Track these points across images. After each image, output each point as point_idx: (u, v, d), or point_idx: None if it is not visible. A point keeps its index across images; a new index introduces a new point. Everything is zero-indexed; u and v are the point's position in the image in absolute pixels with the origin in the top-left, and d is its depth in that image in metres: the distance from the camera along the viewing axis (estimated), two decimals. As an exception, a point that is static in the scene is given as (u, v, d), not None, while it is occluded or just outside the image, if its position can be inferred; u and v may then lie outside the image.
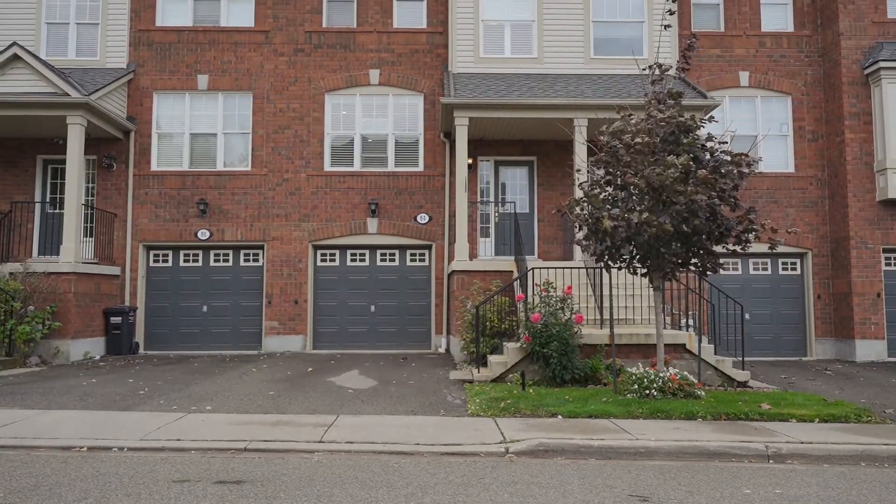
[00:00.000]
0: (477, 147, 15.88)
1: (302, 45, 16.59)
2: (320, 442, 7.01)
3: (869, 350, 15.00)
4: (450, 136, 16.00)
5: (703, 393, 9.21)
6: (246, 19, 16.72)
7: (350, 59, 16.57)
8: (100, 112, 14.67)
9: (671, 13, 9.98)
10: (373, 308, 16.21)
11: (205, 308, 16.18)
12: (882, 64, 15.20)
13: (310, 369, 12.53)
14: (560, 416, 8.25)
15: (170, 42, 16.52)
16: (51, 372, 12.22)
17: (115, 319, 15.03)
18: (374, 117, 16.59)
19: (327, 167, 16.39)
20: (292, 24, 16.61)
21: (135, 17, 16.51)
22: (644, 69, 10.11)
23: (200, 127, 16.50)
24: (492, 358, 11.20)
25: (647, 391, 8.96)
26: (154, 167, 16.26)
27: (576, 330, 10.44)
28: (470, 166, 15.20)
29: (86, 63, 16.20)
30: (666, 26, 10.20)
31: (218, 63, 16.54)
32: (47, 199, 16.17)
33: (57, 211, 15.85)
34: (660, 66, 9.65)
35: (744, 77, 16.49)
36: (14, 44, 14.37)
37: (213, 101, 16.54)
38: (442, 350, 15.65)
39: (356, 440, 7.06)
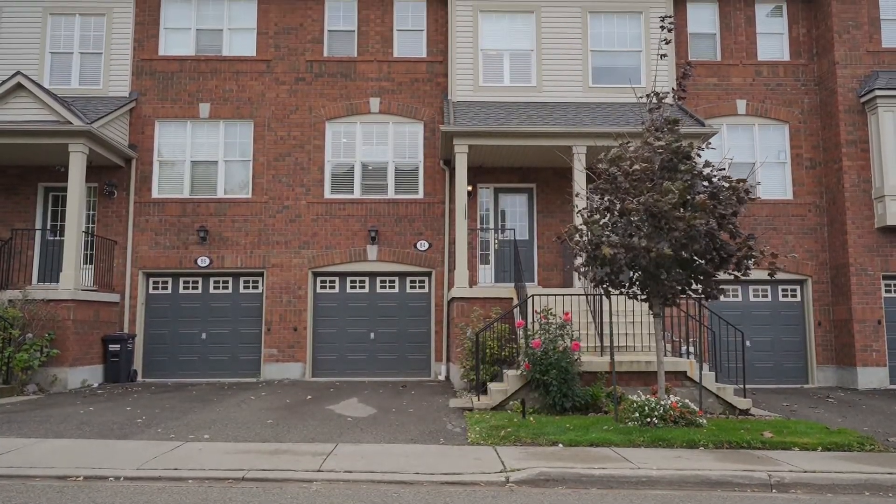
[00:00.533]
0: (476, 174, 15.97)
1: (303, 73, 16.76)
2: (319, 471, 6.95)
3: (871, 377, 14.93)
4: (449, 163, 16.10)
5: (705, 421, 9.15)
6: (248, 49, 16.91)
7: (351, 88, 16.73)
8: (102, 140, 14.76)
9: (667, 42, 10.09)
10: (372, 335, 16.16)
11: (204, 335, 16.12)
12: (878, 92, 15.35)
13: (309, 397, 12.46)
14: (561, 445, 8.18)
15: (172, 71, 16.69)
16: (48, 400, 12.14)
17: (114, 347, 14.97)
18: (374, 145, 16.70)
19: (327, 194, 16.45)
20: (294, 53, 16.80)
21: (138, 46, 16.70)
22: (641, 97, 10.20)
23: (201, 154, 16.60)
24: (492, 385, 11.14)
25: (649, 419, 8.90)
26: (155, 194, 16.33)
27: (576, 357, 10.40)
28: (470, 193, 15.27)
29: (89, 92, 16.36)
30: (662, 55, 10.31)
31: (220, 91, 16.69)
32: (48, 227, 16.21)
33: (57, 238, 15.87)
34: (657, 94, 9.76)
35: (741, 105, 16.63)
36: (18, 73, 14.52)
37: (214, 129, 16.66)
38: (442, 377, 15.57)
39: (355, 469, 7.00)
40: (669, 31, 10.09)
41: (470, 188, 15.21)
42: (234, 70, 16.76)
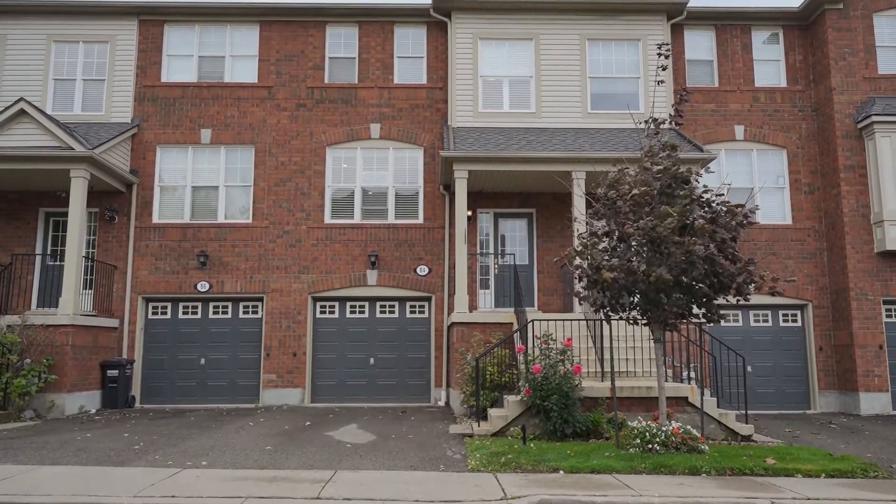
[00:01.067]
0: (476, 199, 16.02)
1: (304, 100, 16.90)
2: (318, 498, 6.88)
3: (873, 403, 14.84)
4: (449, 188, 16.16)
5: (707, 447, 9.08)
6: (249, 75, 17.07)
7: (351, 114, 16.86)
8: (103, 165, 14.84)
9: (664, 69, 10.20)
10: (372, 360, 16.09)
11: (202, 361, 16.05)
12: (875, 118, 15.46)
13: (308, 423, 12.37)
14: (562, 472, 8.11)
15: (174, 97, 16.83)
16: (45, 426, 12.05)
17: (112, 372, 14.89)
18: (374, 170, 16.78)
19: (328, 219, 16.50)
20: (295, 80, 16.96)
21: (140, 73, 16.86)
22: (640, 123, 10.28)
23: (202, 180, 16.67)
24: (492, 411, 11.07)
25: (650, 445, 8.83)
26: (155, 219, 16.37)
27: (576, 383, 10.34)
28: (469, 218, 15.31)
29: (91, 118, 16.49)
30: (660, 82, 10.41)
31: (221, 118, 16.82)
32: (48, 252, 16.23)
33: (57, 263, 15.89)
34: (655, 120, 9.84)
35: (739, 131, 16.75)
36: (21, 99, 14.65)
37: (215, 154, 16.76)
38: (441, 403, 15.48)
39: (354, 496, 6.93)
40: (666, 57, 10.20)
41: (470, 213, 15.26)
42: (236, 96, 16.90)
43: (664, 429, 9.02)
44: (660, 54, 10.19)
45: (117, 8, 16.85)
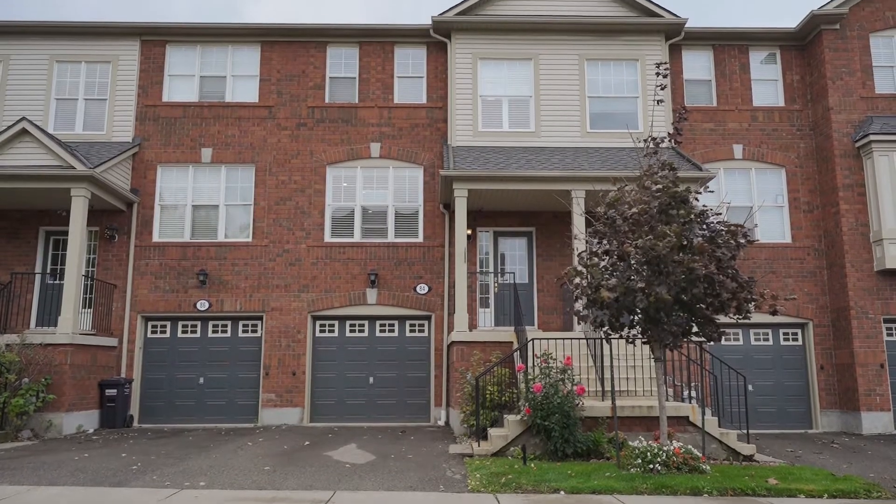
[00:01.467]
0: (476, 218, 16.05)
1: (305, 119, 16.99)
2: (316, 519, 6.82)
3: (875, 422, 14.76)
4: (449, 207, 16.20)
5: (709, 467, 9.02)
6: (250, 95, 17.17)
7: (352, 133, 16.94)
8: (104, 184, 14.88)
9: (662, 88, 10.25)
10: (371, 380, 16.03)
11: (201, 380, 15.99)
12: (873, 137, 15.53)
13: (307, 443, 12.30)
14: (563, 492, 8.05)
15: (175, 117, 16.92)
16: (43, 446, 11.98)
17: (111, 392, 14.83)
18: (374, 189, 16.83)
19: (328, 238, 16.52)
20: (296, 99, 17.06)
21: (142, 93, 16.96)
22: (639, 142, 10.32)
23: (203, 199, 16.71)
24: (492, 431, 11.00)
25: (651, 465, 8.78)
26: (156, 238, 16.39)
27: (577, 402, 10.30)
28: (469, 237, 15.32)
29: (92, 137, 16.56)
30: (658, 101, 10.47)
31: (222, 137, 16.89)
32: (48, 270, 16.23)
33: (57, 282, 15.89)
34: (654, 139, 9.88)
35: (737, 150, 16.81)
36: (23, 118, 14.73)
37: (216, 173, 16.81)
38: (441, 422, 15.39)
39: (353, 517, 6.87)
40: (665, 77, 10.27)
41: (469, 232, 15.28)
42: (237, 116, 16.99)
43: (665, 448, 8.96)
44: (658, 73, 10.25)
45: (120, 28, 17.00)
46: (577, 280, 9.50)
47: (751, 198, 16.64)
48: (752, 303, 9.08)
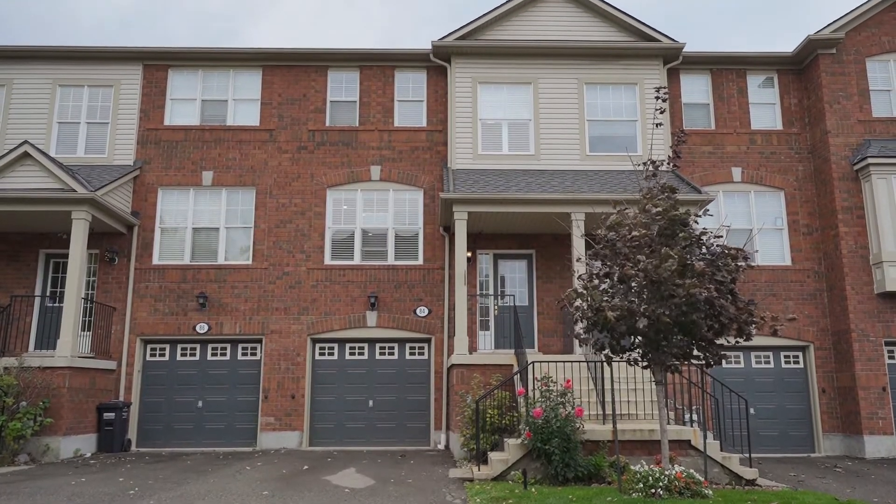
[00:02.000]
0: (476, 240, 16.07)
1: (305, 142, 17.08)
2: (315, 545, 6.74)
3: (878, 446, 14.66)
4: (449, 229, 16.22)
5: (711, 492, 8.94)
6: (251, 118, 17.28)
7: (352, 156, 17.02)
8: (104, 207, 14.92)
9: (661, 112, 10.32)
10: (371, 403, 15.94)
11: (200, 403, 15.90)
12: (871, 160, 15.61)
13: (305, 467, 12.20)
14: (564, 517, 7.97)
15: (177, 140, 17.01)
16: (39, 470, 11.88)
17: (108, 415, 14.74)
18: (374, 212, 16.87)
19: (328, 260, 16.52)
20: (296, 122, 17.17)
21: (144, 116, 17.07)
22: (638, 165, 10.37)
23: (203, 221, 16.74)
24: (492, 455, 10.92)
25: (653, 490, 8.70)
26: (156, 261, 16.39)
27: (578, 426, 10.24)
28: (469, 259, 15.33)
29: (94, 160, 16.64)
30: (658, 124, 10.54)
31: (223, 160, 16.97)
32: (47, 293, 16.21)
33: (56, 305, 15.86)
34: (653, 162, 9.92)
35: (736, 173, 16.88)
36: (24, 142, 14.81)
37: (216, 196, 16.86)
38: (441, 446, 15.28)
39: (352, 543, 6.79)
40: (664, 101, 10.34)
41: (469, 254, 15.29)
42: (238, 139, 17.08)
43: (667, 473, 8.89)
44: (657, 97, 10.32)
45: (123, 53, 17.16)
46: (578, 302, 9.49)
47: (750, 220, 16.68)
48: (753, 325, 9.07)
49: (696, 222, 9.66)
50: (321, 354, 16.27)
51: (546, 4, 17.29)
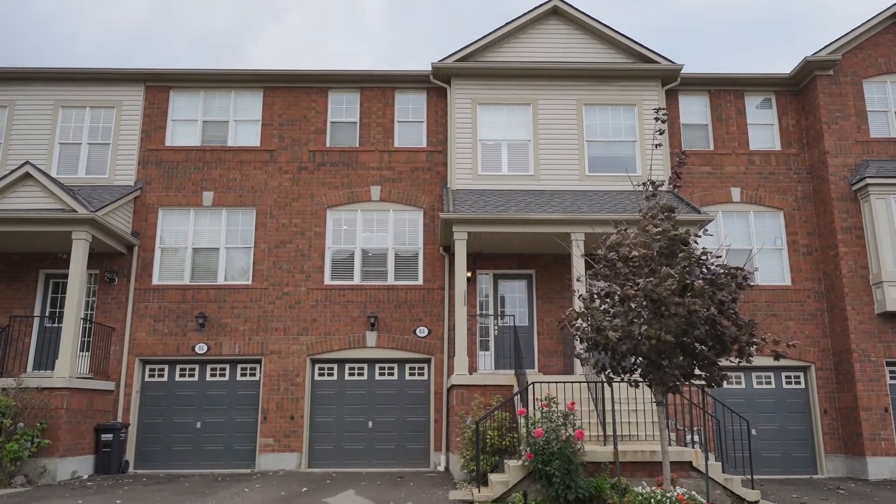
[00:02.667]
0: (476, 260, 16.08)
1: (306, 163, 17.15)
2: (314, 568, 6.67)
3: (881, 467, 14.55)
4: (449, 250, 16.23)
5: (713, 514, 8.86)
6: (252, 139, 17.37)
7: (352, 177, 17.08)
8: (105, 227, 14.94)
9: (661, 133, 10.36)
10: (370, 424, 15.84)
11: (198, 425, 15.80)
12: (869, 181, 15.66)
13: (304, 489, 12.10)
14: (565, 540, 7.89)
15: (178, 161, 17.08)
16: (36, 493, 11.78)
17: (106, 437, 14.64)
18: (374, 232, 16.89)
19: (327, 281, 16.51)
20: (297, 143, 17.25)
21: (145, 137, 17.16)
22: (638, 185, 10.40)
23: (203, 241, 16.75)
24: (492, 476, 10.84)
25: (655, 512, 8.62)
26: (155, 281, 16.38)
27: (578, 447, 10.17)
28: (469, 279, 15.32)
29: (95, 181, 16.70)
30: (657, 145, 10.59)
31: (223, 180, 17.02)
32: (46, 314, 16.18)
33: (55, 325, 15.82)
34: (653, 182, 9.95)
35: (735, 193, 16.93)
36: (26, 163, 14.86)
37: (216, 216, 16.89)
38: (441, 468, 15.17)
39: (351, 566, 6.73)
40: (663, 122, 10.39)
41: (469, 274, 15.29)
42: (239, 160, 17.15)
43: (669, 495, 8.82)
44: (657, 119, 10.37)
45: (125, 75, 17.28)
46: (579, 322, 9.47)
47: (750, 240, 16.71)
48: (754, 346, 9.04)
49: (695, 242, 9.67)
50: (320, 375, 16.21)
51: (545, 27, 17.45)
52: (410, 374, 16.30)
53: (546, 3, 17.21)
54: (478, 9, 68.29)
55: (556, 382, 12.23)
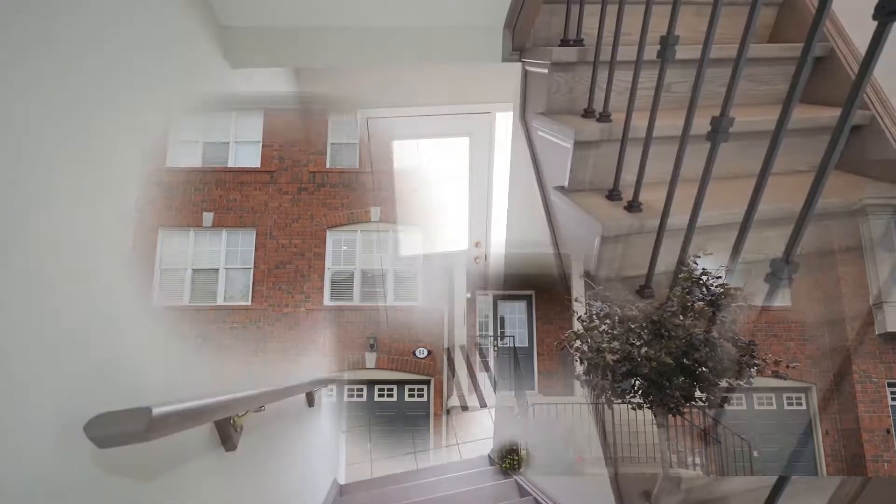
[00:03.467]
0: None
1: (306, 184, 17.19)
2: None
3: (884, 490, 14.43)
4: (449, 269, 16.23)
5: (716, 537, 8.77)
6: (253, 160, 17.43)
7: (352, 198, 17.11)
8: (105, 248, 14.92)
9: (660, 154, 10.41)
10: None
11: (196, 446, 15.68)
12: (867, 200, 15.66)
13: (303, 512, 11.97)
14: (566, 564, 7.82)
15: (178, 182, 17.12)
16: None
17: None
18: (374, 252, 16.89)
19: (327, 301, 16.48)
20: (297, 164, 17.31)
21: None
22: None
23: (202, 263, 16.75)
24: (493, 499, 10.76)
25: (657, 535, 8.54)
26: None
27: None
28: (468, 300, 15.29)
29: (95, 201, 16.70)
30: (656, 166, 10.61)
31: (224, 201, 17.06)
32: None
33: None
34: (652, 203, 9.97)
35: (734, 213, 16.93)
36: (27, 183, 14.88)
37: (216, 237, 16.90)
38: (441, 491, 15.04)
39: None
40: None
41: (469, 295, 15.26)
42: (239, 181, 17.19)
43: (670, 518, 8.74)
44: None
45: (126, 96, 17.36)
46: (578, 343, 9.43)
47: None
48: (755, 367, 8.99)
49: (695, 262, 9.67)
50: (319, 396, 16.12)
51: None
52: (409, 396, 16.22)
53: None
54: (477, 31, 68.86)
55: (557, 404, 12.17)
